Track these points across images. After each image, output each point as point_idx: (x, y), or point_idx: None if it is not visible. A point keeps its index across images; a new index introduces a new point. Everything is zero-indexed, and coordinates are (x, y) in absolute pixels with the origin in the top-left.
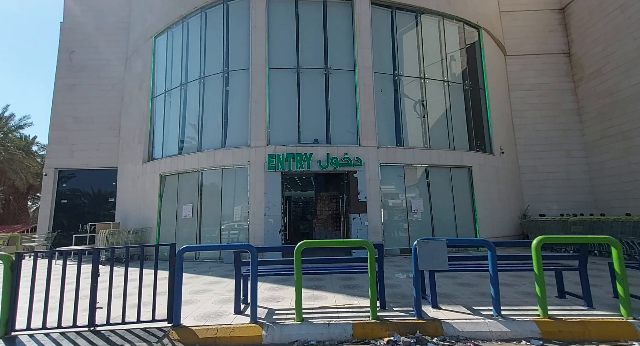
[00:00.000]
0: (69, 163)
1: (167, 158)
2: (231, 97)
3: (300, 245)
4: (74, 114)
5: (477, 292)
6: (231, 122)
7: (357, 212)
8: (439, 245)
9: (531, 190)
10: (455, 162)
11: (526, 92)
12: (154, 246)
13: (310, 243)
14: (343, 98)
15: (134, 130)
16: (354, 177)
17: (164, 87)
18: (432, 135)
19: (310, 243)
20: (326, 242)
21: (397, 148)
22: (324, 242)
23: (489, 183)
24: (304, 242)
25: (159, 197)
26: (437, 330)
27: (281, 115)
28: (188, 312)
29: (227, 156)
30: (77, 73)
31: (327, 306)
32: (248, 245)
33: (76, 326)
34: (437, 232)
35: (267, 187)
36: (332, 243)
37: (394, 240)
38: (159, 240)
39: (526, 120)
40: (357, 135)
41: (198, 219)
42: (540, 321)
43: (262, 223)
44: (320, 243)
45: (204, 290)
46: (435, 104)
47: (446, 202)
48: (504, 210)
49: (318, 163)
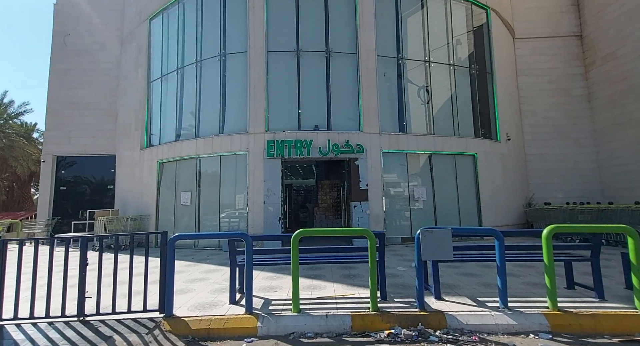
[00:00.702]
0: (66, 150)
1: (165, 144)
2: (229, 81)
3: (297, 234)
4: (69, 100)
5: (482, 283)
6: (229, 107)
7: (359, 200)
8: (444, 235)
9: (537, 178)
10: (459, 149)
11: (535, 78)
12: (144, 234)
13: (308, 232)
14: (345, 83)
15: (130, 116)
16: (356, 164)
17: (160, 71)
18: (437, 122)
19: (307, 232)
20: (324, 231)
21: (400, 135)
22: (322, 231)
23: (494, 171)
24: (301, 230)
25: (157, 184)
26: (440, 322)
27: (280, 100)
28: (182, 302)
29: (225, 143)
30: (72, 57)
31: (325, 297)
32: (242, 234)
33: (65, 316)
34: (439, 221)
35: (267, 174)
36: (330, 232)
37: (395, 228)
38: (157, 227)
39: (534, 107)
40: (359, 122)
41: (197, 207)
42: (549, 314)
43: (262, 211)
44: (319, 232)
45: (201, 278)
46: (440, 89)
47: (449, 190)
48: (508, 198)
49: (318, 150)
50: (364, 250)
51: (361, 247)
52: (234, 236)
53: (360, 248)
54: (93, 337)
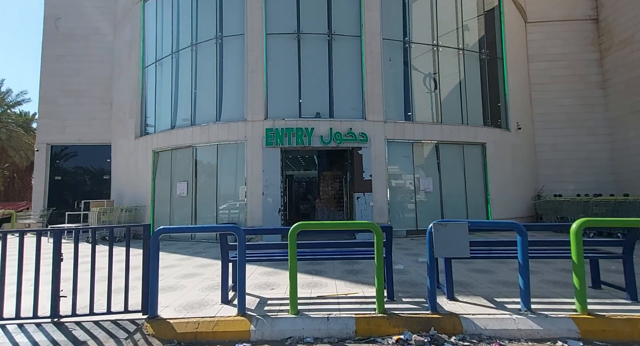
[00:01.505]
0: (61, 139)
1: (160, 133)
2: (226, 66)
3: (295, 228)
4: (63, 87)
5: (497, 280)
6: (226, 94)
7: (362, 191)
8: (459, 229)
9: (547, 169)
10: (468, 138)
11: (548, 63)
12: (124, 226)
13: (307, 226)
14: (348, 67)
15: (125, 103)
16: (359, 153)
17: (155, 56)
18: (444, 110)
19: (307, 225)
20: (325, 224)
21: (406, 123)
22: (323, 224)
23: (503, 161)
24: (299, 223)
25: (153, 174)
26: (455, 326)
27: (280, 86)
28: (170, 300)
29: (223, 131)
30: (64, 42)
31: (326, 296)
32: (234, 227)
33: (37, 317)
34: (446, 213)
35: (266, 164)
36: (332, 225)
37: (400, 221)
38: (153, 219)
39: (547, 94)
40: (363, 109)
41: (193, 197)
42: (579, 318)
43: (260, 202)
44: (319, 225)
45: (193, 274)
46: (449, 75)
47: (457, 181)
48: (517, 190)
49: (320, 138)
50: (368, 245)
51: (366, 242)
52: (225, 230)
53: (365, 243)
54: (65, 342)
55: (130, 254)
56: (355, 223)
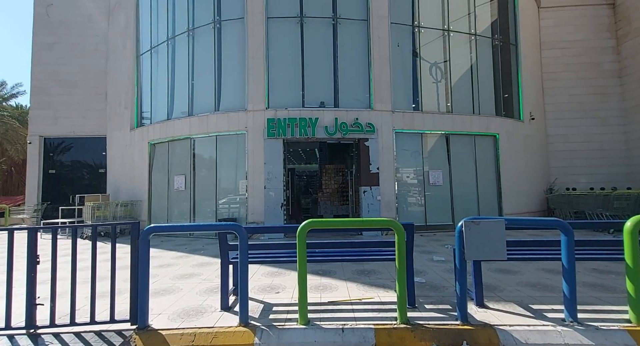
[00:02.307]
0: (54, 131)
1: (156, 124)
2: (225, 52)
3: (305, 226)
4: (55, 77)
5: (525, 283)
6: (225, 82)
7: (369, 184)
8: (495, 228)
9: (559, 161)
10: (480, 129)
11: (561, 51)
12: (109, 225)
13: (318, 223)
14: (354, 53)
15: (120, 94)
16: (365, 145)
17: (150, 43)
18: (455, 99)
19: (318, 223)
20: (339, 222)
21: (415, 113)
22: (336, 222)
23: (516, 153)
24: (309, 221)
25: (149, 167)
26: (491, 340)
27: (282, 74)
28: (164, 306)
29: (222, 121)
30: (56, 29)
31: (338, 301)
32: (234, 225)
33: (10, 328)
34: (457, 207)
35: (267, 156)
36: (347, 223)
37: (408, 216)
38: (150, 214)
39: (559, 83)
40: (370, 98)
41: (192, 191)
42: (636, 331)
43: (262, 196)
44: (331, 224)
45: (191, 274)
46: (460, 63)
47: (468, 175)
48: (530, 183)
49: (325, 129)
50: (384, 245)
51: (382, 242)
52: (224, 228)
53: (379, 243)
54: None
55: (116, 254)
56: (374, 220)
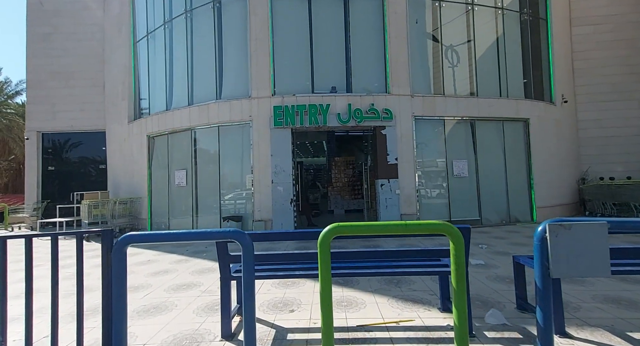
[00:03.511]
0: (51, 126)
1: (155, 115)
2: (225, 34)
3: (328, 233)
4: (51, 69)
5: (602, 297)
6: (227, 67)
7: (386, 177)
8: (594, 233)
9: (591, 148)
10: (509, 113)
11: (593, 27)
12: (74, 233)
13: (345, 229)
14: (367, 32)
15: (117, 84)
16: (382, 133)
17: (146, 28)
18: (480, 80)
19: (346, 228)
20: (374, 227)
21: (436, 96)
22: (369, 227)
23: (548, 140)
24: (335, 226)
25: (148, 162)
26: None
27: (289, 56)
28: (151, 331)
29: (224, 110)
30: (51, 19)
31: (370, 325)
32: (236, 233)
33: None
34: (484, 200)
35: (274, 147)
36: (384, 228)
37: (430, 211)
38: (151, 211)
39: (591, 62)
40: (386, 81)
41: (193, 187)
42: None
43: (269, 192)
44: (362, 228)
45: (190, 284)
46: (485, 40)
47: (496, 164)
48: (562, 173)
49: (337, 117)
50: (427, 254)
51: (424, 250)
52: (222, 236)
53: (423, 251)
54: None
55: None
56: (422, 224)
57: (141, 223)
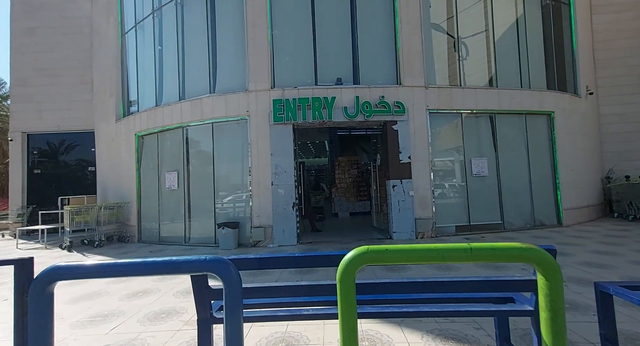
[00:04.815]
0: (37, 126)
1: (144, 112)
2: (220, 21)
3: (354, 261)
4: (36, 65)
5: None
6: (221, 58)
7: (399, 177)
8: None
9: (614, 145)
10: (532, 106)
11: (615, 15)
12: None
13: (378, 256)
14: (377, 18)
15: (105, 80)
16: (394, 129)
17: (135, 18)
18: (500, 70)
19: (379, 254)
20: (420, 252)
21: (453, 88)
22: (413, 252)
23: (574, 135)
24: (364, 251)
25: (137, 163)
26: None
27: (290, 45)
28: None
29: (219, 105)
30: (35, 13)
31: None
32: (215, 262)
33: None
34: (505, 202)
35: (274, 145)
36: (433, 254)
37: (447, 214)
38: (140, 217)
39: (613, 52)
40: (397, 72)
41: (186, 191)
42: None
43: (269, 195)
44: (403, 255)
45: (171, 310)
46: (504, 26)
47: (518, 162)
48: (589, 171)
49: (343, 111)
50: (481, 287)
51: (479, 281)
52: (196, 268)
53: (485, 282)
54: None
55: None
56: (495, 248)
57: (130, 230)
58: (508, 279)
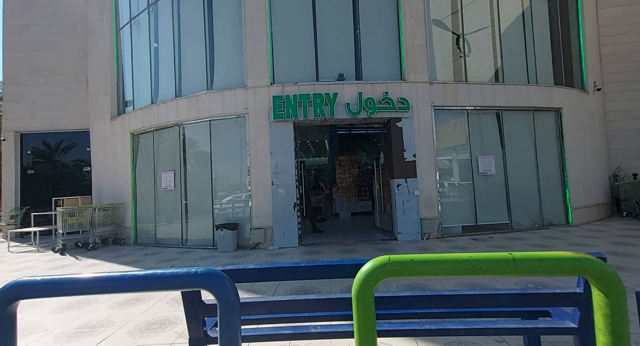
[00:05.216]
0: (31, 125)
1: (139, 111)
2: (217, 16)
3: (373, 274)
4: (30, 64)
5: None
6: (219, 53)
7: (403, 176)
8: None
9: (621, 142)
10: (539, 102)
11: (621, 9)
12: None
13: (403, 268)
14: (379, 12)
15: (100, 78)
16: (398, 126)
17: (130, 13)
18: (506, 66)
19: (404, 265)
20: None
21: (458, 84)
22: (444, 262)
23: (583, 132)
24: (384, 261)
25: (132, 163)
26: None
27: (290, 39)
28: None
29: (216, 102)
30: (28, 10)
31: None
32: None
33: None
34: (513, 201)
35: (274, 143)
36: (470, 265)
37: (453, 214)
38: (135, 218)
39: (620, 48)
40: (401, 67)
41: (182, 191)
42: None
43: (269, 195)
44: (433, 267)
45: (164, 321)
46: (510, 19)
47: (526, 160)
48: (597, 169)
49: (346, 107)
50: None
51: (509, 293)
52: (186, 283)
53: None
54: None
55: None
56: (543, 258)
57: (125, 232)
58: (549, 292)
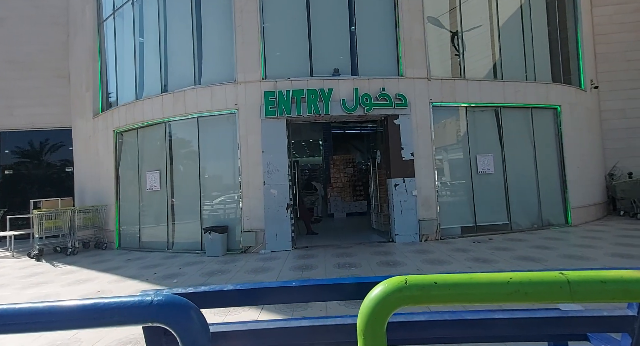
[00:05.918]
0: (8, 123)
1: (122, 107)
2: (205, 6)
3: (385, 301)
4: (8, 58)
5: None
6: (207, 47)
7: (401, 175)
8: None
9: (615, 141)
10: (538, 99)
11: (614, 7)
12: None
13: (423, 294)
14: (376, 5)
15: (81, 72)
16: (395, 124)
17: (113, 4)
18: (505, 62)
19: (424, 289)
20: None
21: (457, 80)
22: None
23: (580, 130)
24: (400, 284)
25: (116, 162)
26: None
27: (283, 33)
28: None
29: (204, 98)
30: (7, 1)
31: None
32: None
33: None
34: (512, 200)
35: (266, 142)
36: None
37: (452, 214)
38: (119, 221)
39: (613, 46)
40: (398, 62)
41: (169, 192)
42: None
43: (261, 195)
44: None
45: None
46: (508, 15)
47: (525, 159)
48: (594, 168)
49: (341, 104)
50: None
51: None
52: (141, 317)
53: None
54: None
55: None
56: (605, 280)
57: (108, 235)
58: (591, 316)
